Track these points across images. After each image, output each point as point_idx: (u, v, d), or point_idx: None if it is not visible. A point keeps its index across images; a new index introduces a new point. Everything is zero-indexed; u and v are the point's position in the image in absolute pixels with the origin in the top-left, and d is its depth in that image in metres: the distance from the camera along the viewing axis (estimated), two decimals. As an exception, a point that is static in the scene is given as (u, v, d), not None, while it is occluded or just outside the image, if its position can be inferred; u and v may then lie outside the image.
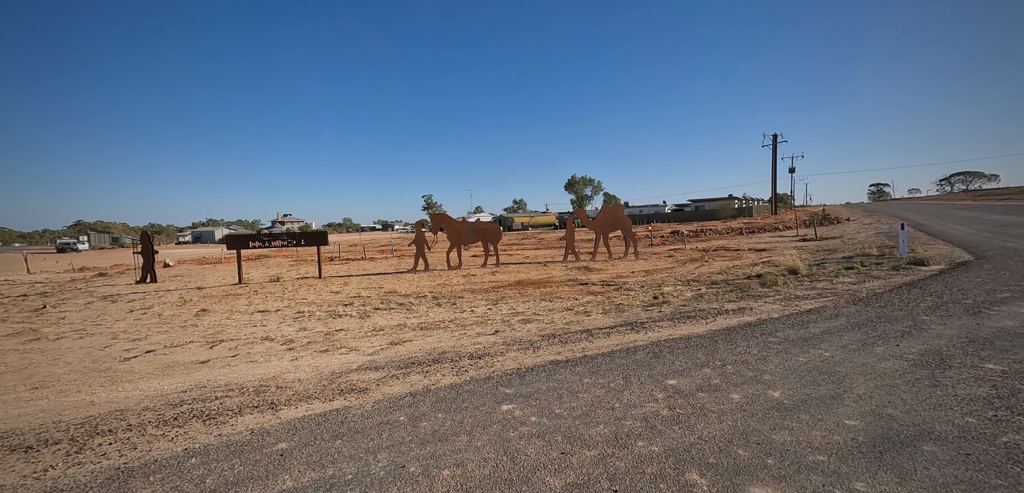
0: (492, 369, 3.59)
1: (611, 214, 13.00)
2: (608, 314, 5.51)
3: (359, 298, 8.37)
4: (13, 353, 5.35)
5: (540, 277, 9.96)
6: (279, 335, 5.65)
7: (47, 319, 7.53)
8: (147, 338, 5.86)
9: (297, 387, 3.37)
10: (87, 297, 10.30)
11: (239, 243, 11.04)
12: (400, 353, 4.28)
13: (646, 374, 3.30)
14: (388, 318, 6.32)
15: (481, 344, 4.39)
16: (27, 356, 5.17)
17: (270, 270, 15.56)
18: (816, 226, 16.37)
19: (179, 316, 7.40)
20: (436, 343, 4.62)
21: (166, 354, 5.02)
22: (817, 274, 7.66)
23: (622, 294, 7.00)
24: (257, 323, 6.52)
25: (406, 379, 3.43)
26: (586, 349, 4.01)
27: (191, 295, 9.80)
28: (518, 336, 4.62)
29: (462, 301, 7.40)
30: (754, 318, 4.87)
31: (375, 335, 5.28)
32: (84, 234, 61.65)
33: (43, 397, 3.67)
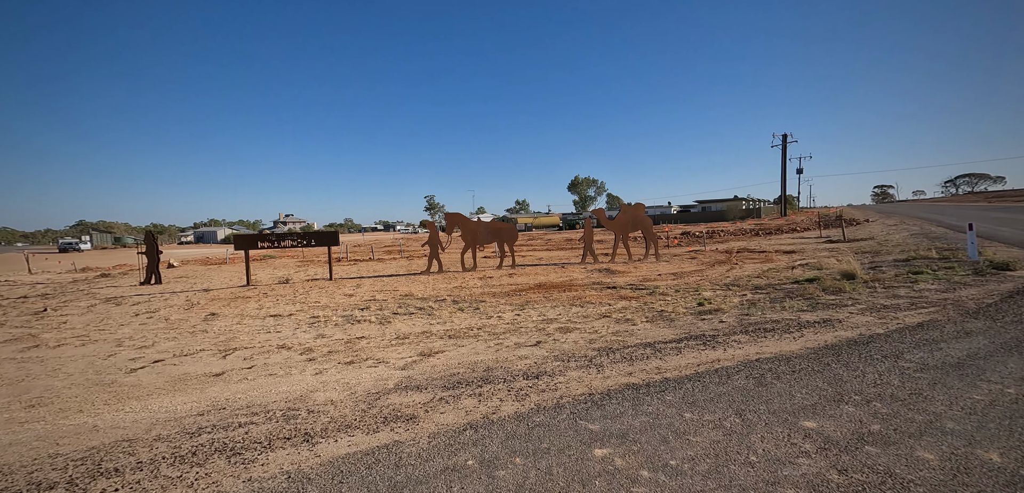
0: (557, 393, 3.15)
1: (631, 214, 12.54)
2: (656, 323, 5.07)
3: (375, 301, 7.95)
4: (9, 362, 4.94)
5: (561, 279, 9.52)
6: (296, 343, 5.23)
7: (48, 323, 7.13)
8: (154, 345, 5.45)
9: (331, 411, 2.94)
10: (90, 299, 9.91)
11: (247, 243, 10.63)
12: (436, 367, 3.85)
13: (764, 409, 2.71)
14: (410, 324, 5.90)
15: (528, 359, 3.96)
16: (24, 366, 4.76)
17: (277, 271, 15.15)
18: (843, 227, 15.82)
19: (187, 320, 6.99)
20: (473, 355, 4.19)
21: (176, 364, 4.60)
22: (880, 279, 7.02)
23: (658, 299, 6.56)
24: (271, 329, 6.10)
25: (457, 404, 3.00)
26: (661, 369, 3.55)
27: (198, 297, 9.39)
28: (565, 349, 4.19)
29: (485, 305, 6.97)
30: (853, 333, 4.24)
31: (401, 344, 4.85)
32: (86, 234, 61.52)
33: (40, 418, 3.25)
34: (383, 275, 12.37)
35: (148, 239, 12.07)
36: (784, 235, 20.42)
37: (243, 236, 10.67)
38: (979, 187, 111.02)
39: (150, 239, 12.05)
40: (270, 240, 10.67)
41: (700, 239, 19.71)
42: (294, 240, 10.75)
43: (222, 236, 70.94)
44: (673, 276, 9.06)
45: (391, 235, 66.30)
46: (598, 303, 6.58)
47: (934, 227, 15.99)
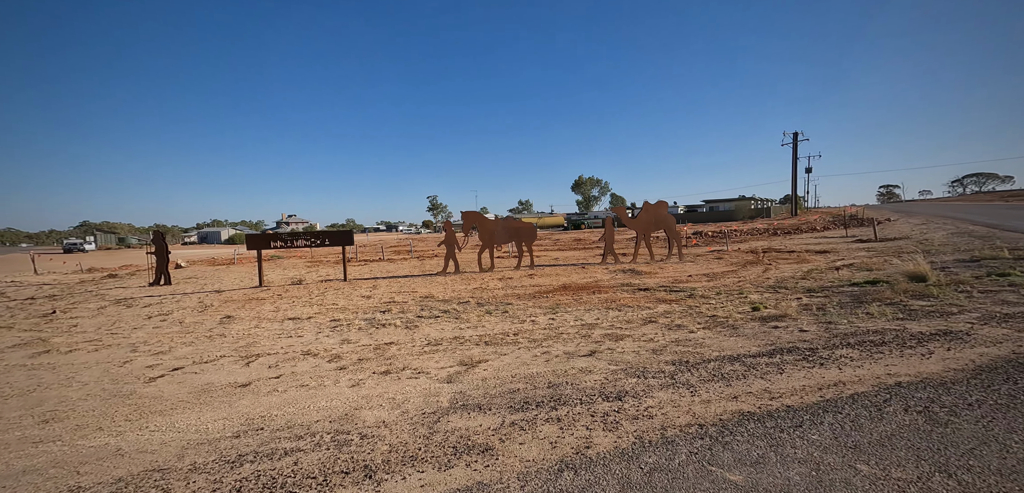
0: (656, 422, 2.63)
1: (654, 213, 12.16)
2: (717, 331, 4.66)
3: (395, 303, 7.62)
4: (20, 369, 4.64)
5: (585, 281, 9.17)
6: (321, 349, 4.91)
7: (58, 327, 6.84)
8: (171, 351, 5.14)
9: (387, 436, 2.58)
10: (99, 301, 9.63)
11: (260, 243, 10.33)
12: (487, 381, 3.51)
13: (980, 466, 2.01)
14: (439, 329, 5.56)
15: (592, 372, 3.56)
16: (36, 374, 4.46)
17: (288, 271, 14.87)
18: (874, 226, 15.30)
19: (202, 323, 6.69)
20: (522, 366, 3.85)
21: (197, 372, 4.29)
22: (959, 281, 6.29)
23: (702, 302, 6.18)
24: (291, 333, 5.79)
25: (535, 431, 2.57)
26: (773, 393, 2.97)
27: (210, 299, 9.10)
28: (628, 360, 3.82)
29: (512, 308, 6.63)
30: (1003, 351, 3.53)
31: (435, 351, 4.52)
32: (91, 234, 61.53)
33: (55, 436, 2.94)
34: (397, 276, 12.05)
35: (158, 239, 11.79)
36: (803, 235, 19.98)
37: (255, 236, 10.37)
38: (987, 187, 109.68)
39: (159, 239, 11.77)
40: (284, 239, 10.37)
41: (717, 239, 19.31)
42: (308, 240, 10.45)
43: (226, 236, 70.88)
44: (706, 278, 8.68)
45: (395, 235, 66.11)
46: (636, 306, 6.22)
47: (971, 226, 15.45)
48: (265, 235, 10.40)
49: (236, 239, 67.44)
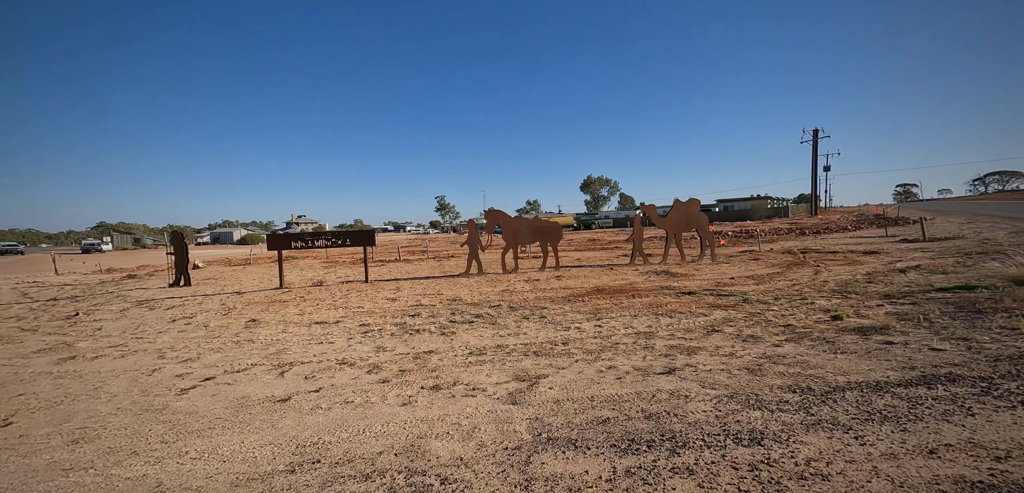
0: (835, 487, 2.02)
1: (685, 211, 11.64)
2: (804, 345, 4.09)
3: (422, 306, 7.30)
4: (45, 377, 4.41)
5: (618, 283, 8.74)
6: (357, 357, 4.59)
7: (81, 330, 6.66)
8: (199, 358, 4.87)
9: (471, 480, 2.17)
10: (121, 302, 9.50)
11: (281, 243, 10.11)
12: (562, 405, 3.10)
13: None
14: (477, 336, 5.21)
15: (692, 398, 3.02)
16: (62, 384, 4.22)
17: (305, 272, 14.70)
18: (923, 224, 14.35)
19: (228, 327, 6.44)
20: (594, 385, 3.41)
21: (230, 383, 4.00)
22: None
23: (763, 308, 5.72)
24: (321, 339, 5.49)
25: (664, 489, 2.09)
26: (988, 447, 2.28)
27: (233, 301, 8.89)
28: (724, 382, 3.31)
29: (550, 312, 6.25)
30: None
31: (481, 363, 4.16)
32: (107, 235, 62.72)
33: (87, 463, 2.65)
34: (418, 277, 11.75)
35: (177, 240, 11.68)
36: (834, 234, 19.20)
37: (276, 236, 10.16)
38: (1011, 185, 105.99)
39: (179, 240, 11.66)
40: (305, 240, 10.14)
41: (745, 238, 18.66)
42: (329, 240, 10.21)
43: (238, 237, 71.75)
44: (751, 280, 8.16)
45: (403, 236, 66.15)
46: (687, 312, 5.77)
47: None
48: (286, 235, 10.20)
49: (248, 239, 68.23)
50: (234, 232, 75.47)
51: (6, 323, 7.62)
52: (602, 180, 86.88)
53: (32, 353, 5.39)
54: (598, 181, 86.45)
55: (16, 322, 7.62)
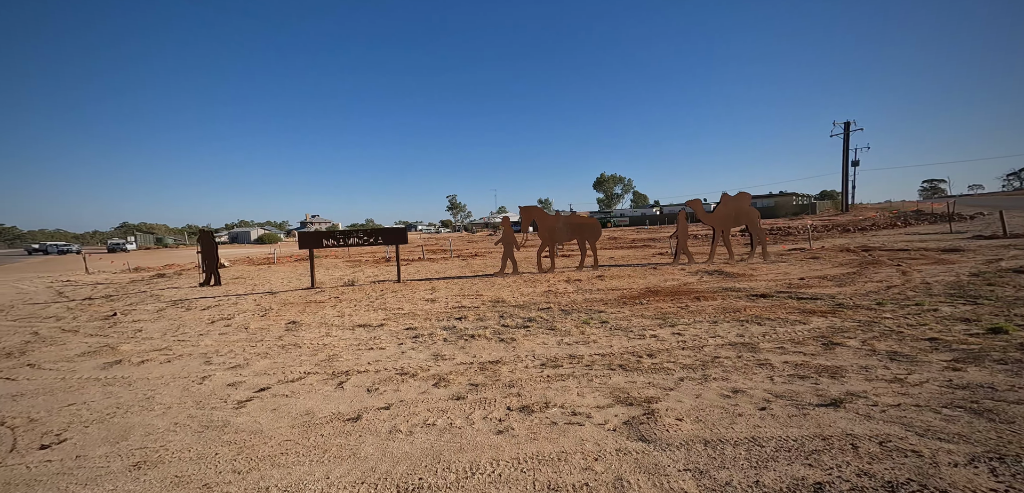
0: None
1: (734, 206, 10.94)
2: (981, 365, 3.42)
3: (466, 309, 6.91)
4: (94, 384, 4.16)
5: (670, 284, 8.19)
6: (416, 367, 4.21)
7: (122, 331, 6.48)
8: (248, 365, 4.57)
9: None
10: (155, 302, 9.40)
11: (312, 242, 9.88)
12: (709, 444, 2.52)
13: None
14: (540, 343, 4.77)
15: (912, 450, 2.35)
16: (112, 391, 3.95)
17: (331, 271, 14.53)
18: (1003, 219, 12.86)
19: (268, 330, 6.17)
20: (744, 420, 2.77)
21: (287, 395, 3.67)
22: None
23: (876, 317, 5.04)
24: (370, 344, 5.14)
25: None
26: None
27: (267, 302, 8.67)
28: (930, 421, 2.63)
29: (611, 317, 5.77)
30: None
31: (561, 377, 3.71)
32: (131, 235, 64.51)
33: (150, 488, 2.31)
34: (448, 276, 11.39)
35: (207, 239, 11.59)
36: (883, 231, 18.09)
37: (307, 234, 9.93)
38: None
39: (208, 239, 11.57)
40: (336, 238, 9.89)
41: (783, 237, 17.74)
42: (360, 238, 9.94)
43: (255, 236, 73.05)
44: (828, 281, 7.43)
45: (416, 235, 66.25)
46: (776, 318, 5.20)
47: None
48: (317, 234, 9.97)
49: (265, 239, 69.37)
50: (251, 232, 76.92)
51: (46, 323, 7.53)
52: (615, 178, 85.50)
53: (77, 356, 5.19)
54: (611, 179, 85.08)
55: (56, 322, 7.53)
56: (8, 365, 4.92)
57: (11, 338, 6.35)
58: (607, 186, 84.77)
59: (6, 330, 7.00)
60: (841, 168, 33.42)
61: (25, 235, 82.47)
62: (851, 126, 33.46)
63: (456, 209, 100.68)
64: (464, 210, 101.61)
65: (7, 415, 3.52)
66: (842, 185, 33.58)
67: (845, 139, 33.65)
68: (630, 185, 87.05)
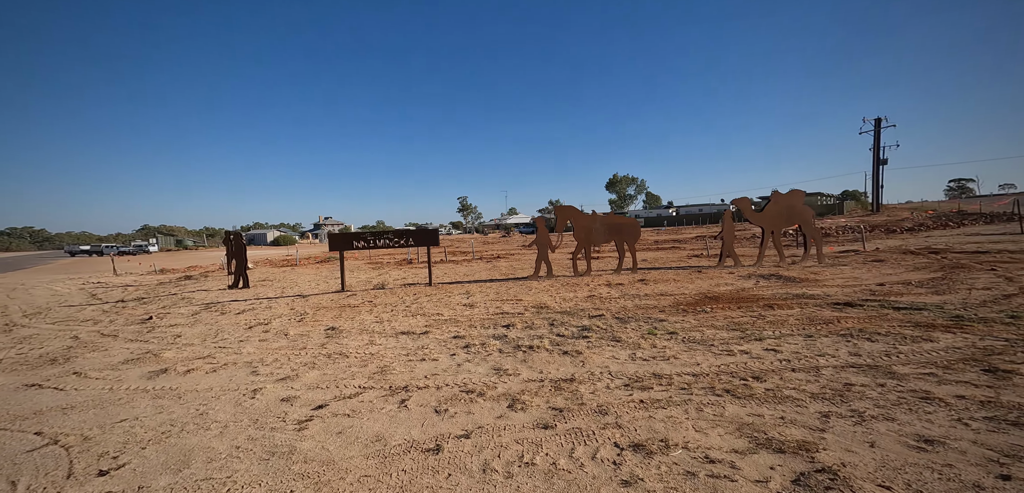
0: None
1: (785, 204, 10.22)
2: None
3: (510, 316, 6.54)
4: (143, 396, 3.93)
5: (725, 289, 7.66)
6: (480, 383, 3.86)
7: (162, 337, 6.32)
8: (297, 376, 4.30)
9: None
10: (187, 304, 9.33)
11: (343, 244, 9.69)
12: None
13: None
14: (610, 357, 4.35)
15: None
16: (162, 405, 3.71)
17: (355, 274, 14.38)
18: None
19: (308, 336, 5.92)
20: None
21: (348, 414, 3.35)
22: None
23: (1020, 333, 4.44)
24: (421, 355, 4.81)
25: None
26: None
27: (301, 306, 8.48)
28: None
29: (675, 327, 5.29)
30: None
31: (657, 403, 3.27)
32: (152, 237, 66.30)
33: None
34: (479, 280, 11.06)
35: (236, 241, 11.54)
36: (934, 231, 17.05)
37: (338, 236, 9.75)
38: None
39: (239, 241, 11.52)
40: (366, 240, 9.68)
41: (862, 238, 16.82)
42: (390, 239, 9.70)
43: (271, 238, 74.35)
44: (916, 288, 6.82)
45: (428, 235, 66.17)
46: (885, 332, 4.62)
47: None
48: (347, 236, 9.77)
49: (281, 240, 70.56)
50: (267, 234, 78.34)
51: (85, 327, 7.47)
52: (628, 179, 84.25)
53: (121, 363, 5.01)
54: (624, 180, 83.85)
55: (94, 326, 7.46)
56: (54, 373, 4.77)
57: (53, 342, 6.26)
58: (620, 187, 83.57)
59: (47, 334, 6.94)
60: (871, 166, 32.00)
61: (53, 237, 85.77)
62: (883, 122, 32.01)
63: (467, 211, 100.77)
64: (475, 212, 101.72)
65: (59, 431, 3.30)
66: (872, 184, 32.09)
67: (875, 136, 32.13)
68: (643, 186, 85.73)
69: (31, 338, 6.65)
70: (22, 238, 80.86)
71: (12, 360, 5.40)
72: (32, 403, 3.90)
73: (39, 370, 4.91)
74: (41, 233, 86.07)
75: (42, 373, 4.79)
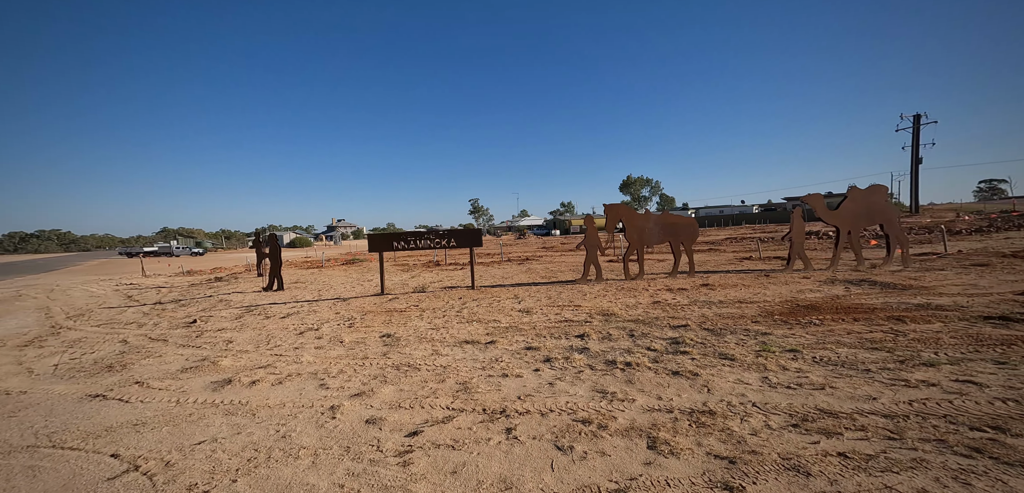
0: None
1: (865, 202, 9.21)
2: None
3: (576, 324, 6.03)
4: (214, 412, 3.57)
5: (819, 297, 6.89)
6: (589, 409, 3.35)
7: (213, 342, 6.03)
8: (372, 392, 3.88)
9: None
10: (226, 307, 9.11)
11: (382, 245, 9.37)
12: None
13: None
14: (741, 382, 3.78)
15: None
16: (238, 423, 3.34)
17: (387, 277, 14.07)
18: None
19: (365, 343, 5.54)
20: None
21: (452, 445, 2.90)
22: None
23: None
24: (500, 369, 4.34)
25: None
26: None
27: (343, 309, 8.14)
28: None
29: (792, 343, 4.70)
30: None
31: (863, 457, 2.63)
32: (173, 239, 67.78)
33: None
34: (521, 283, 10.56)
35: (272, 242, 11.35)
36: (999, 233, 15.89)
37: (377, 237, 9.43)
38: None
39: (274, 242, 11.32)
40: (406, 240, 9.34)
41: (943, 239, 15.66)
42: (431, 240, 9.34)
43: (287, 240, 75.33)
44: None
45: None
46: None
47: None
48: (387, 236, 9.44)
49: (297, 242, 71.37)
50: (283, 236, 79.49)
51: (129, 329, 7.27)
52: (643, 180, 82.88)
53: (180, 372, 4.70)
54: (639, 181, 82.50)
55: (139, 329, 7.25)
56: (114, 381, 4.47)
57: (103, 347, 6.03)
58: (634, 188, 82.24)
59: (95, 337, 6.74)
60: (909, 165, 30.38)
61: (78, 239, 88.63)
62: (922, 119, 30.38)
63: (479, 213, 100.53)
64: (486, 213, 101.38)
65: (137, 454, 2.94)
66: (911, 184, 30.33)
67: (914, 134, 30.47)
68: (658, 187, 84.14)
69: (80, 342, 6.46)
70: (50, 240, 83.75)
71: (67, 366, 5.17)
72: (100, 417, 3.58)
73: (98, 378, 4.63)
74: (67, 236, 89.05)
75: (102, 381, 4.51)
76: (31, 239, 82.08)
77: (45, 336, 7.02)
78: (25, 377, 4.84)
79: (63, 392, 4.23)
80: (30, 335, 7.17)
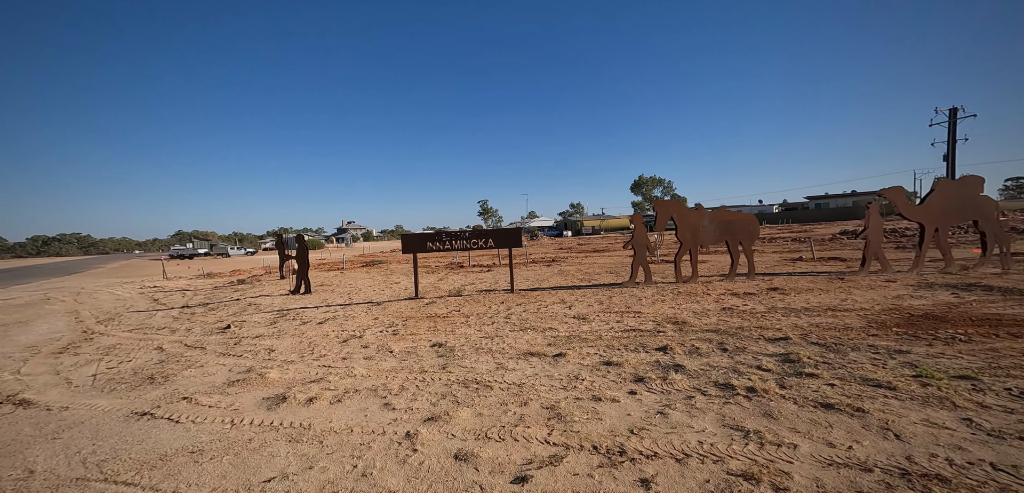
0: None
1: (955, 194, 8.27)
2: None
3: (645, 333, 5.42)
4: (276, 438, 3.10)
5: (922, 303, 6.16)
6: (734, 455, 2.72)
7: (252, 350, 5.61)
8: (450, 417, 3.37)
9: None
10: (256, 311, 8.75)
11: (416, 246, 8.93)
12: None
13: None
14: (925, 421, 3.13)
15: None
16: (307, 455, 2.85)
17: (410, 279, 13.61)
18: None
19: (418, 355, 5.05)
20: None
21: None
22: None
23: None
24: (591, 392, 3.74)
25: None
26: None
27: (380, 314, 7.68)
28: None
29: (942, 363, 4.01)
30: None
31: None
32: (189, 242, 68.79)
33: None
34: (560, 286, 9.95)
35: (300, 244, 11.01)
36: None
37: (411, 237, 8.99)
38: None
39: (302, 244, 10.99)
40: (441, 240, 8.89)
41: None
42: (467, 240, 8.88)
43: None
44: None
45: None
46: None
47: None
48: (421, 237, 9.02)
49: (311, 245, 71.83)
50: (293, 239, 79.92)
51: (161, 335, 6.93)
52: (655, 180, 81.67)
53: (226, 385, 4.27)
54: (650, 181, 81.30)
55: (172, 335, 6.90)
56: (158, 396, 4.06)
57: (140, 355, 5.66)
58: (646, 188, 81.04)
59: (129, 344, 6.40)
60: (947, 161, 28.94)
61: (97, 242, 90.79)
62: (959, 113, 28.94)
63: (488, 214, 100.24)
64: (495, 215, 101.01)
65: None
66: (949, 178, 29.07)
67: (950, 128, 29.03)
68: (670, 187, 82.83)
69: (115, 349, 6.11)
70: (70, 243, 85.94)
71: (106, 376, 4.79)
72: (152, 442, 3.15)
73: (141, 392, 4.22)
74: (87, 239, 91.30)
75: (145, 396, 4.10)
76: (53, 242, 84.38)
77: (78, 342, 6.71)
78: (64, 389, 4.48)
79: (107, 408, 3.83)
80: (63, 341, 6.88)
